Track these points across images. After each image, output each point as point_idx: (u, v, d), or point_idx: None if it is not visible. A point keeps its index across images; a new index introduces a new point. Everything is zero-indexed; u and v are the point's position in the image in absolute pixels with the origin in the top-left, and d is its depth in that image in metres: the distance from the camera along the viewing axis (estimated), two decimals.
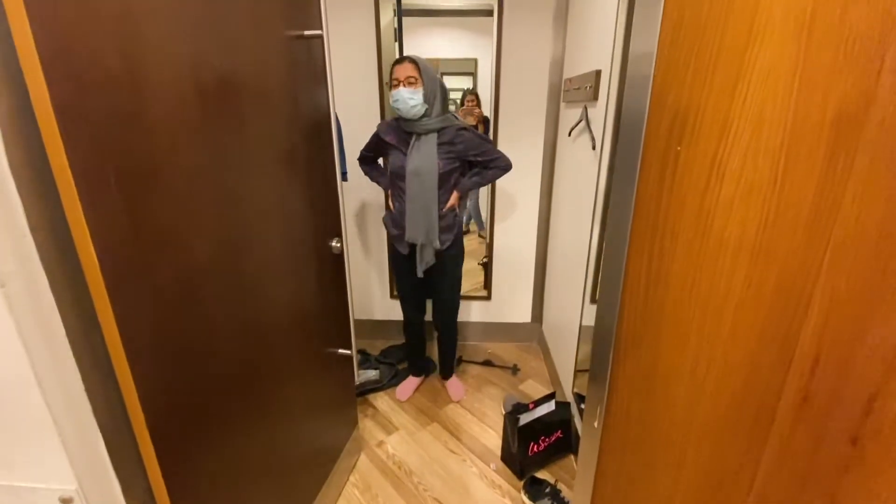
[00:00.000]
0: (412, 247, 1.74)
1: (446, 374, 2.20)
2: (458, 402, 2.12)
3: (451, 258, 1.82)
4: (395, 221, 1.78)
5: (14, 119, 0.56)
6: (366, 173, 1.87)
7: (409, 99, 1.54)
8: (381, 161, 1.92)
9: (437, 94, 1.58)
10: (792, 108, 0.49)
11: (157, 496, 0.78)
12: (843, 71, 0.46)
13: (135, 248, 0.69)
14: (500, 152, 1.73)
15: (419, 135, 1.61)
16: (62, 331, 0.61)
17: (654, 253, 0.59)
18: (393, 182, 1.73)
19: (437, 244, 1.70)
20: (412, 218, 1.68)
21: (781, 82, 0.49)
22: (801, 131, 0.49)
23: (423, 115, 1.58)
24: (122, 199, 0.66)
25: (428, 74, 1.55)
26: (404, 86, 1.54)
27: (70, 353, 0.63)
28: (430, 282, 1.87)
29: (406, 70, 1.54)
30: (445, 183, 1.67)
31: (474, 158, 1.69)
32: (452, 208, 1.73)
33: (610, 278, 0.66)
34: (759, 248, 0.53)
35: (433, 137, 1.61)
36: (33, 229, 0.58)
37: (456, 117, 1.70)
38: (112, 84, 0.64)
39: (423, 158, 1.61)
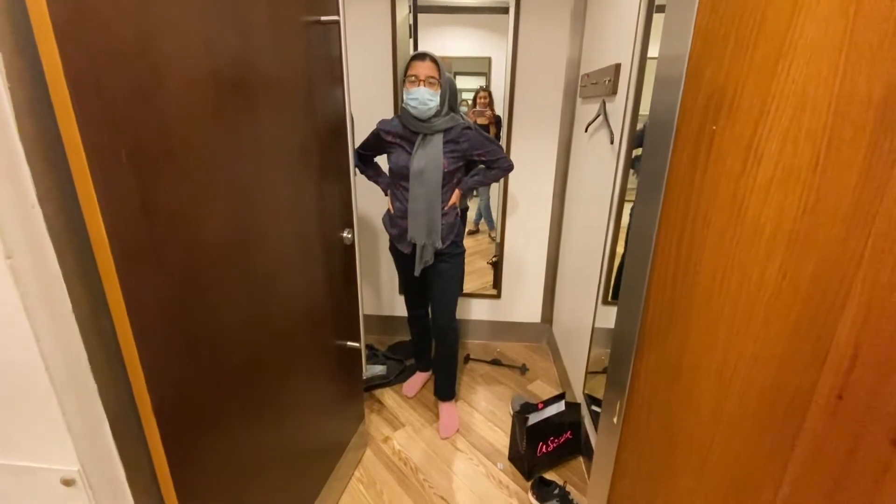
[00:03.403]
0: (414, 245, 1.71)
1: (440, 395, 1.98)
2: (446, 438, 1.84)
3: (449, 257, 1.76)
4: (393, 221, 1.74)
5: (26, 87, 0.55)
6: (362, 172, 1.80)
7: (430, 100, 1.51)
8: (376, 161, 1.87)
9: (447, 95, 1.56)
10: (836, 87, 0.46)
11: (162, 481, 0.76)
12: (893, 49, 0.43)
13: (145, 226, 0.67)
14: (503, 152, 1.69)
15: (426, 134, 1.58)
16: (69, 307, 0.60)
17: (685, 240, 0.56)
18: (394, 181, 1.70)
19: (438, 244, 1.67)
20: (415, 217, 1.65)
21: (826, 59, 0.46)
22: (845, 112, 0.46)
23: (434, 115, 1.56)
24: (133, 176, 0.65)
25: (445, 75, 1.53)
26: (424, 85, 1.50)
27: (76, 331, 0.61)
28: (426, 282, 1.83)
29: (428, 69, 1.50)
30: (448, 182, 1.64)
31: (478, 158, 1.66)
32: (454, 206, 1.70)
33: (636, 266, 0.63)
34: (797, 236, 0.50)
35: (440, 136, 1.58)
36: (42, 201, 0.57)
37: (462, 116, 1.67)
38: (126, 58, 0.63)
39: (429, 157, 1.57)
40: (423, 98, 1.50)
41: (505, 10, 2.08)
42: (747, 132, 0.49)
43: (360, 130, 1.85)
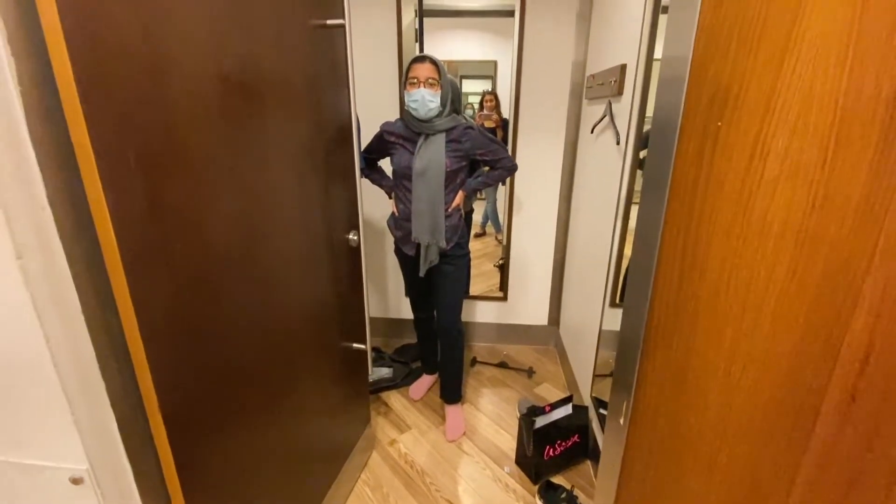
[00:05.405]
0: (418, 247, 1.72)
1: (446, 398, 1.97)
2: (452, 441, 1.84)
3: (453, 259, 1.76)
4: (398, 224, 1.75)
5: (37, 90, 0.56)
6: (366, 176, 1.81)
7: (430, 101, 1.52)
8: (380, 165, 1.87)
9: (449, 95, 1.57)
10: (844, 83, 0.46)
11: (169, 481, 0.77)
12: None
13: (153, 228, 0.68)
14: (506, 152, 1.69)
15: (428, 134, 1.59)
16: (78, 307, 0.61)
17: (690, 238, 0.56)
18: (397, 182, 1.71)
19: (442, 244, 1.67)
20: (418, 217, 1.65)
21: (833, 54, 0.45)
22: (853, 108, 0.46)
23: (435, 116, 1.57)
24: (141, 178, 0.66)
25: (445, 76, 1.55)
26: (424, 86, 1.52)
27: (85, 330, 0.62)
28: (430, 284, 1.83)
29: (428, 71, 1.52)
30: (451, 182, 1.65)
31: (481, 158, 1.66)
32: (458, 208, 1.71)
33: (641, 265, 0.62)
34: (805, 233, 0.49)
35: (442, 136, 1.59)
36: (52, 203, 0.58)
37: (466, 118, 1.68)
38: (135, 61, 0.63)
39: (432, 157, 1.58)
40: (424, 99, 1.52)
41: (510, 13, 2.08)
42: (753, 128, 0.49)
43: (366, 134, 1.87)
